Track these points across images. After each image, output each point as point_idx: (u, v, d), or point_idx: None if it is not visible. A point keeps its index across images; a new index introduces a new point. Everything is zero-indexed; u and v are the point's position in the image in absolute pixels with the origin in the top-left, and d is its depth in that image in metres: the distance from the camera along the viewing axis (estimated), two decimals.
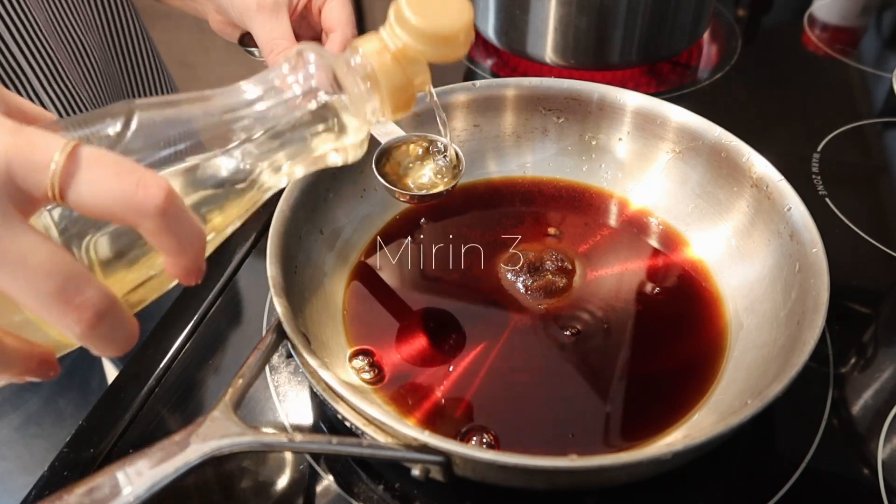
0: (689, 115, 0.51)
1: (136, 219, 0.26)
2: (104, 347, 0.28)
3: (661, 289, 0.48)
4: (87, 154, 0.26)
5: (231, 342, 0.48)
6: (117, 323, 0.28)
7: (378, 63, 0.34)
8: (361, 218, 0.51)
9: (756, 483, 0.39)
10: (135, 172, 0.26)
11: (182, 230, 0.28)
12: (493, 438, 0.39)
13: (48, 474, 0.40)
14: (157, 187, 0.26)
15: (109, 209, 0.26)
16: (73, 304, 0.26)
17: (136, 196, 0.26)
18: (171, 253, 0.28)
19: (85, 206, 0.26)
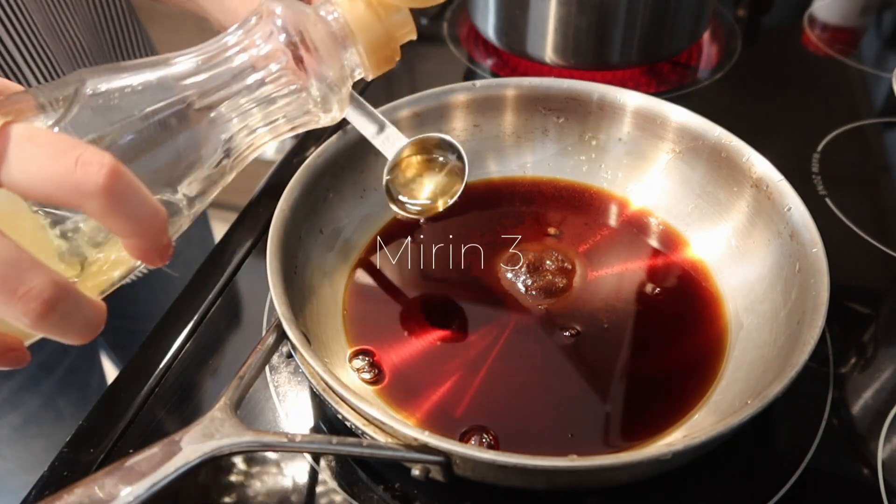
0: (689, 115, 0.51)
1: (79, 200, 0.24)
2: (62, 336, 0.26)
3: (661, 289, 0.48)
4: (19, 132, 0.24)
5: (231, 342, 0.48)
6: (73, 310, 0.26)
7: (352, 15, 0.32)
8: (361, 218, 0.51)
9: (756, 483, 0.39)
10: (74, 150, 0.24)
11: (133, 209, 0.25)
12: (493, 438, 0.39)
13: (48, 474, 0.40)
14: (98, 164, 0.24)
15: (45, 190, 0.24)
16: (17, 295, 0.24)
17: (73, 175, 0.24)
18: (125, 234, 0.26)
19: (20, 187, 0.24)
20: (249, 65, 0.31)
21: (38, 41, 0.51)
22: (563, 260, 0.49)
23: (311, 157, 0.47)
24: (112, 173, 0.24)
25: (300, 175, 0.46)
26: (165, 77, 0.29)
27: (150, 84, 0.28)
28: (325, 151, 0.48)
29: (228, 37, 0.31)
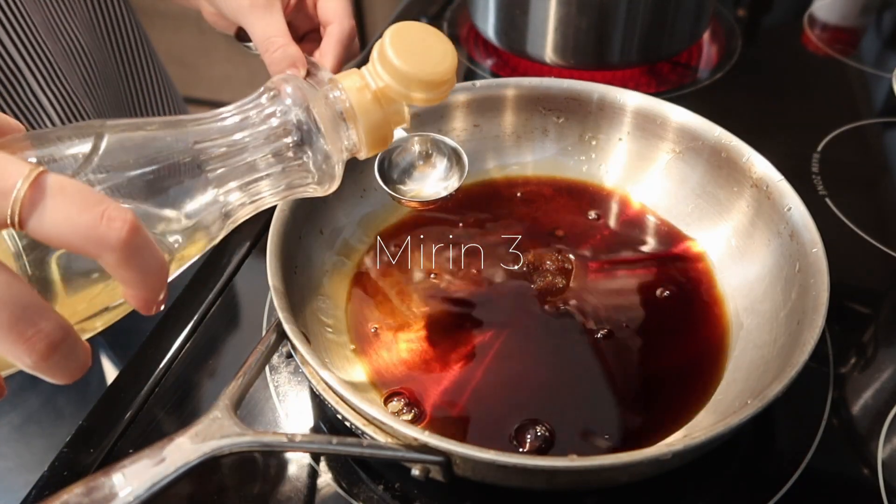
0: (689, 115, 0.51)
1: (98, 251, 0.26)
2: (53, 377, 0.27)
3: (661, 289, 0.48)
4: (52, 183, 0.25)
5: (231, 342, 0.48)
6: (70, 353, 0.27)
7: (357, 100, 0.34)
8: (361, 218, 0.51)
9: (756, 483, 0.39)
10: (100, 204, 0.25)
11: (144, 263, 0.27)
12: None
13: (48, 474, 0.40)
14: (121, 220, 0.25)
15: (70, 241, 0.25)
16: (25, 336, 0.25)
17: (98, 229, 0.25)
18: (132, 286, 0.28)
19: (45, 235, 0.25)
20: (259, 137, 0.33)
21: (37, 41, 0.51)
22: (563, 260, 0.49)
23: None
24: (133, 230, 0.26)
25: None
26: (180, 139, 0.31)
27: (166, 144, 0.31)
28: None
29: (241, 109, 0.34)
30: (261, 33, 0.46)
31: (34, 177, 0.25)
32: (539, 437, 0.39)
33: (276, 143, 0.33)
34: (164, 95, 0.69)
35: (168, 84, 0.70)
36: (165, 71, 0.70)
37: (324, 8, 0.50)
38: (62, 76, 0.53)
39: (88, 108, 0.56)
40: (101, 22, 0.60)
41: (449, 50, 0.36)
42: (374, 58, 0.35)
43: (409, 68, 0.34)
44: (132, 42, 0.64)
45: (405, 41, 0.35)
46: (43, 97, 0.52)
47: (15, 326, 0.25)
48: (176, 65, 1.63)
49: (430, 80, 0.35)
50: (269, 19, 0.46)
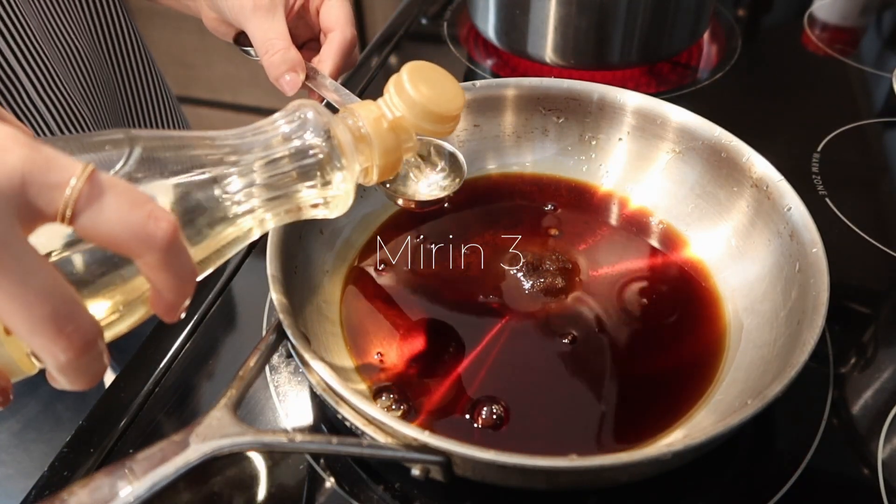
0: (689, 115, 0.51)
1: (142, 251, 0.26)
2: (77, 379, 0.27)
3: (661, 289, 0.48)
4: (106, 180, 0.25)
5: (230, 343, 0.48)
6: (99, 355, 0.27)
7: (373, 128, 0.36)
8: (361, 218, 0.51)
9: (756, 483, 0.39)
10: (147, 204, 0.26)
11: (180, 267, 0.27)
12: (502, 409, 0.39)
13: (48, 474, 0.40)
14: (167, 221, 0.26)
15: (117, 238, 0.25)
16: (64, 332, 0.25)
17: (146, 228, 0.25)
18: (166, 289, 0.28)
19: (94, 231, 0.25)
20: (279, 158, 0.34)
21: (34, 46, 0.51)
22: (563, 260, 0.49)
23: None
24: (176, 231, 0.26)
25: None
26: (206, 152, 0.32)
27: (194, 156, 0.32)
28: None
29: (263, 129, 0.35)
30: (261, 36, 0.46)
31: (88, 173, 0.25)
32: (539, 437, 0.39)
33: (297, 164, 0.34)
34: (160, 99, 0.69)
35: (164, 87, 0.70)
36: (162, 74, 0.70)
37: (326, 15, 0.50)
38: (59, 81, 0.53)
39: (85, 113, 0.56)
40: (97, 26, 0.60)
41: (460, 90, 0.39)
42: (391, 90, 0.37)
43: (425, 102, 0.37)
44: (129, 46, 0.64)
45: (421, 77, 0.38)
46: (39, 102, 0.52)
47: (54, 321, 0.25)
48: (176, 65, 1.63)
49: (443, 114, 0.38)
50: (271, 23, 0.46)
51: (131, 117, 0.65)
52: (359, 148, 0.36)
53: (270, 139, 0.34)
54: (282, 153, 0.34)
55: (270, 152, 0.34)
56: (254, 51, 0.50)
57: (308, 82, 0.47)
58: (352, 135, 0.36)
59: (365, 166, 0.37)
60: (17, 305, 0.24)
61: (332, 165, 0.35)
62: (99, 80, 0.59)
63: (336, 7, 0.50)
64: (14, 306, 0.24)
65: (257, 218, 0.34)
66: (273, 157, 0.34)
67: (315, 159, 0.35)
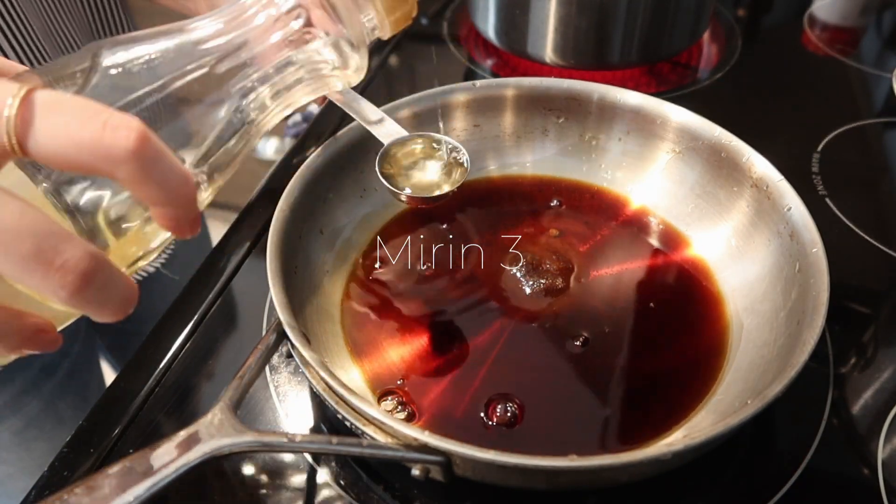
0: (689, 115, 0.51)
1: (109, 166, 0.23)
2: (98, 311, 0.25)
3: (661, 289, 0.48)
4: (44, 98, 0.23)
5: (230, 342, 0.48)
6: (108, 283, 0.25)
7: None
8: (361, 218, 0.51)
9: (756, 483, 0.39)
10: (101, 114, 0.23)
11: (163, 175, 0.24)
12: (516, 407, 0.39)
13: (48, 474, 0.40)
14: (126, 129, 0.23)
15: (76, 158, 0.23)
16: (53, 266, 0.23)
17: (103, 140, 0.23)
18: (157, 202, 0.25)
19: (48, 156, 0.23)
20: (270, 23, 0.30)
21: (36, 46, 0.51)
22: (564, 260, 0.49)
23: (311, 157, 0.47)
24: (141, 137, 0.23)
25: (300, 175, 0.46)
26: (184, 43, 0.28)
27: (169, 51, 0.28)
28: (325, 151, 0.48)
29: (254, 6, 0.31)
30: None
31: (23, 94, 0.23)
32: (540, 437, 0.39)
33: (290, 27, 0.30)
34: None
35: None
36: None
37: None
38: None
39: None
40: (100, 28, 0.60)
41: None
42: None
43: None
44: None
45: None
46: None
47: (40, 256, 0.23)
48: None
49: None
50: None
51: None
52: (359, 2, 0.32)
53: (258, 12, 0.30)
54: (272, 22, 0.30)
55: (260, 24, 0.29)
56: None
57: None
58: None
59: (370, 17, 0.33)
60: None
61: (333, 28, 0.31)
62: None
63: None
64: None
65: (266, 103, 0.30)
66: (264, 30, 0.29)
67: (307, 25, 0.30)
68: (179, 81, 0.28)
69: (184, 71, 0.28)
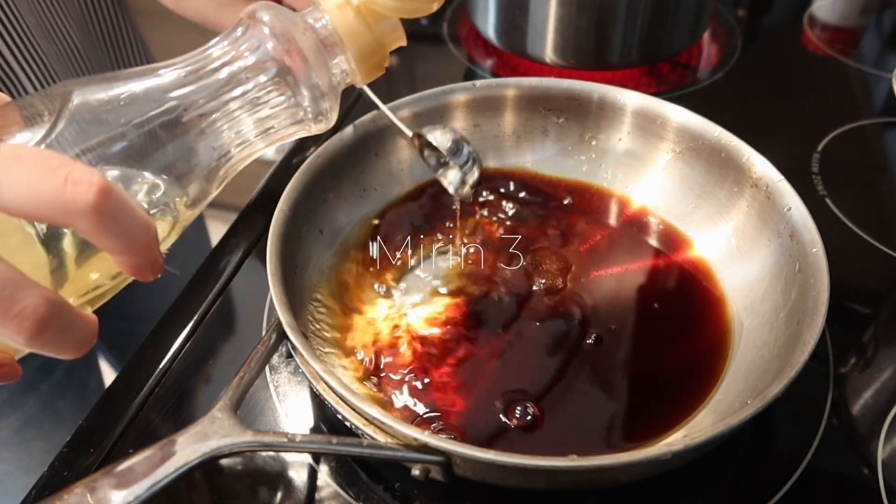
0: (689, 115, 0.51)
1: (69, 219, 0.24)
2: (56, 352, 0.26)
3: (661, 289, 0.48)
4: (6, 152, 0.23)
5: (230, 343, 0.48)
6: (66, 326, 0.26)
7: (341, 22, 0.32)
8: (361, 218, 0.51)
9: (756, 483, 0.39)
10: (63, 168, 0.23)
11: (123, 227, 0.25)
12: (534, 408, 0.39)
13: (48, 474, 0.40)
14: (87, 183, 0.24)
15: (36, 211, 0.24)
16: (10, 314, 0.24)
17: (63, 195, 0.23)
18: (116, 252, 0.26)
19: (9, 207, 0.24)
20: (237, 75, 0.30)
21: (31, 42, 0.51)
22: (564, 260, 0.49)
23: (311, 158, 0.47)
24: (102, 192, 0.24)
25: (300, 175, 0.46)
26: (152, 88, 0.29)
27: (136, 96, 0.28)
28: (325, 151, 0.48)
29: (214, 47, 0.31)
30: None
31: None
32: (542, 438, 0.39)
33: (258, 80, 0.30)
34: None
35: None
36: None
37: None
38: (56, 77, 0.53)
39: None
40: (95, 22, 0.60)
41: None
42: None
43: None
44: (126, 42, 0.64)
45: None
46: None
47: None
48: None
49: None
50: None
51: None
52: (326, 49, 0.32)
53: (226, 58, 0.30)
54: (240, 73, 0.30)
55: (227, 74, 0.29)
56: None
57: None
58: (315, 35, 0.31)
59: (342, 68, 0.33)
60: None
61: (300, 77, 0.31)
62: None
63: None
64: None
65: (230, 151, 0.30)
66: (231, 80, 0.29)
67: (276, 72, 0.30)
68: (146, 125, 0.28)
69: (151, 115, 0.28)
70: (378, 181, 0.47)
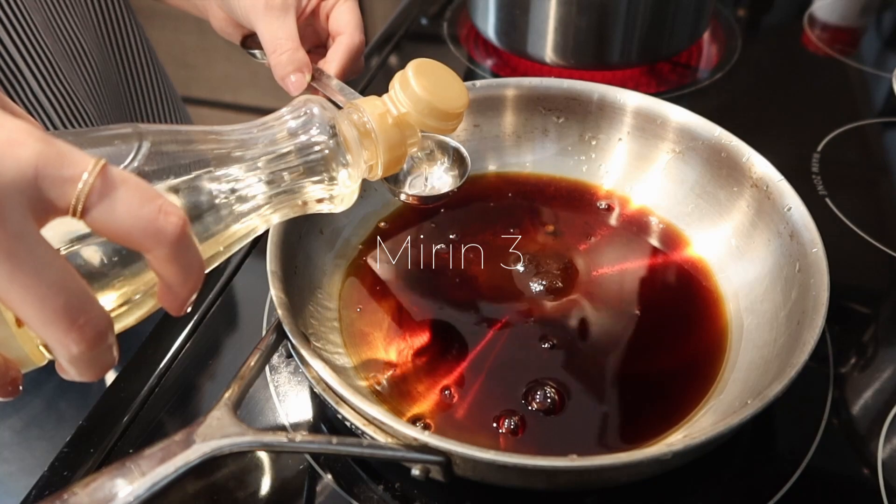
0: (689, 115, 0.51)
1: (152, 245, 0.26)
2: (86, 371, 0.27)
3: (661, 289, 0.48)
4: (117, 175, 0.25)
5: (230, 343, 0.48)
6: (110, 347, 0.27)
7: (378, 123, 0.37)
8: (361, 218, 0.51)
9: (756, 483, 0.39)
10: (158, 199, 0.26)
11: (188, 262, 0.28)
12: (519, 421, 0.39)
13: (48, 474, 0.40)
14: (176, 216, 0.26)
15: (128, 232, 0.26)
16: (76, 324, 0.25)
17: (156, 222, 0.26)
18: (174, 283, 0.28)
19: (105, 225, 0.26)
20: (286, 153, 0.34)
21: (37, 41, 0.51)
22: (564, 260, 0.49)
23: None
24: (186, 226, 0.26)
25: None
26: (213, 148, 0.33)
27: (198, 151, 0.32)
28: None
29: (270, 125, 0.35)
30: (270, 36, 0.47)
31: (100, 167, 0.25)
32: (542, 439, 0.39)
33: (303, 160, 0.34)
34: (163, 96, 0.69)
35: (167, 84, 0.70)
36: (164, 71, 0.70)
37: (336, 19, 0.50)
38: (62, 76, 0.53)
39: (89, 109, 0.56)
40: (101, 22, 0.60)
41: (464, 88, 0.41)
42: (396, 86, 0.38)
43: (430, 98, 0.38)
44: (132, 42, 0.64)
45: (427, 74, 0.39)
46: (43, 97, 0.52)
47: (67, 313, 0.25)
48: (176, 65, 1.63)
49: (448, 111, 0.38)
50: (281, 23, 0.46)
51: (135, 114, 0.65)
52: (364, 143, 0.37)
53: (276, 135, 0.34)
54: (287, 149, 0.34)
55: (276, 148, 0.34)
56: (260, 54, 0.50)
57: (313, 83, 0.47)
58: (357, 130, 0.36)
59: (370, 163, 0.38)
60: (31, 297, 0.24)
61: (338, 161, 0.35)
62: (103, 77, 0.59)
63: (347, 12, 0.50)
64: (28, 298, 0.24)
65: (263, 214, 0.34)
66: (279, 153, 0.34)
67: (320, 155, 0.35)
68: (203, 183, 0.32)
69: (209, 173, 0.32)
70: (378, 181, 0.47)
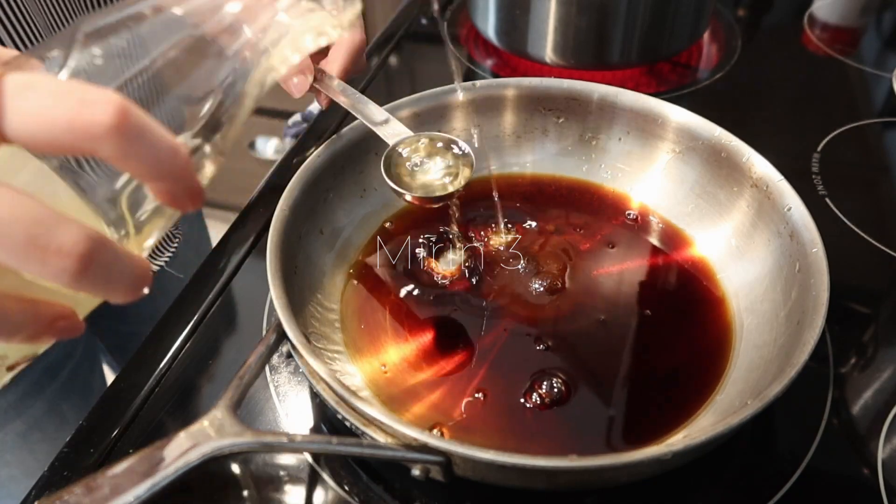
0: (689, 115, 0.51)
1: (90, 143, 0.22)
2: (107, 293, 0.25)
3: (661, 288, 0.48)
4: (15, 81, 0.22)
5: (231, 343, 0.48)
6: (113, 263, 0.24)
7: None
8: (361, 218, 0.51)
9: (756, 483, 0.39)
10: (74, 91, 0.22)
11: (150, 148, 0.23)
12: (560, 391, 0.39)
13: (48, 474, 0.40)
14: (103, 102, 0.22)
15: (53, 137, 0.22)
16: (49, 251, 0.22)
17: (80, 117, 0.22)
18: (147, 177, 0.24)
19: (26, 138, 0.23)
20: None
21: (38, 41, 0.51)
22: (564, 260, 0.49)
23: (311, 157, 0.47)
24: (120, 110, 0.22)
25: (300, 175, 0.46)
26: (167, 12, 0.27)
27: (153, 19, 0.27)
28: (325, 151, 0.48)
29: None
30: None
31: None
32: (543, 438, 0.39)
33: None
34: None
35: None
36: None
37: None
38: None
39: None
40: None
41: None
42: None
43: None
44: None
45: None
46: None
47: (33, 242, 0.22)
48: None
49: None
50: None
51: None
52: None
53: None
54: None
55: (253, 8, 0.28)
56: None
57: (315, 84, 0.47)
58: None
59: None
60: None
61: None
62: None
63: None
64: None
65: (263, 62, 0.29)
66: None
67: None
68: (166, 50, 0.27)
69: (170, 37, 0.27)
70: (378, 181, 0.47)
